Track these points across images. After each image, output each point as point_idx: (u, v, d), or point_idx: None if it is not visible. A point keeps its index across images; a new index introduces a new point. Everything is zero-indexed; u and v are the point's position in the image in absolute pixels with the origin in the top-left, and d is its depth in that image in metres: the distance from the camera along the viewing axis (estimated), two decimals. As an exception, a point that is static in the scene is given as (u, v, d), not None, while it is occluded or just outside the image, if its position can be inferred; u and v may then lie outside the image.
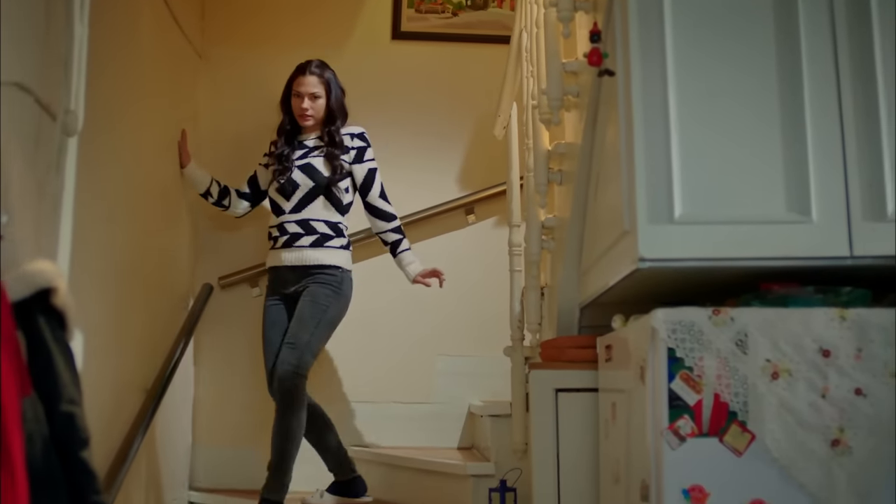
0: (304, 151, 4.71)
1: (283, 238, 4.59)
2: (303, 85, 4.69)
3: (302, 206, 4.60)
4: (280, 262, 4.59)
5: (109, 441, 3.56)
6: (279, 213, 4.65)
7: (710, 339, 2.53)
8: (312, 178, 4.60)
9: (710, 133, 2.66)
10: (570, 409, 3.33)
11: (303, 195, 4.60)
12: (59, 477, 1.80)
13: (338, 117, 4.72)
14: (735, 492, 2.51)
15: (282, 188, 4.62)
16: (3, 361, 1.51)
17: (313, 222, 4.58)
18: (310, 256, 4.55)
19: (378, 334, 5.46)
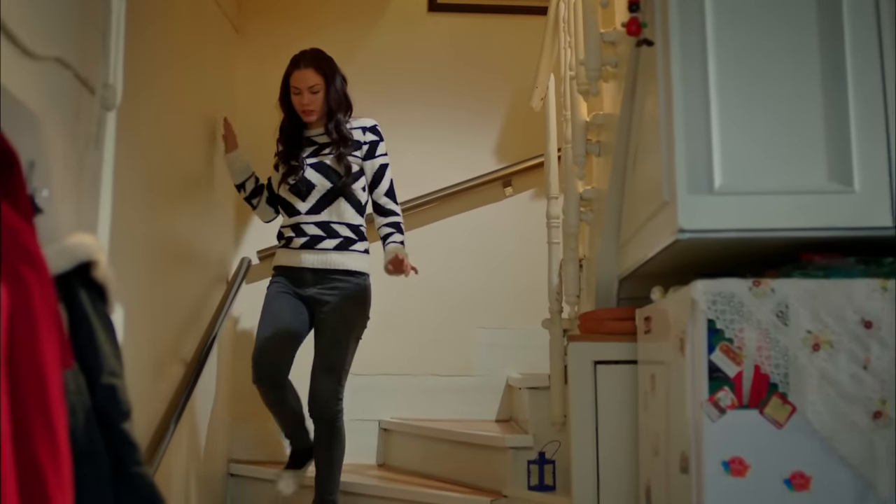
0: (314, 148, 4.49)
1: (303, 239, 4.38)
2: (299, 79, 4.43)
3: (321, 208, 4.39)
4: (299, 264, 4.38)
5: (150, 413, 3.59)
6: (293, 214, 4.42)
7: (751, 310, 2.52)
8: (328, 178, 4.38)
9: (751, 102, 2.63)
10: (608, 382, 3.33)
11: (320, 196, 4.39)
12: (100, 448, 1.81)
13: (339, 109, 4.47)
14: (775, 464, 2.50)
15: (295, 188, 4.39)
16: (46, 334, 1.52)
17: (335, 225, 4.38)
18: (335, 260, 4.36)
19: (417, 307, 5.46)
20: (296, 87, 4.42)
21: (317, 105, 4.44)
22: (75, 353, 1.80)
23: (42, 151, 2.08)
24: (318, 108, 4.45)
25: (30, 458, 1.42)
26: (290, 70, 4.46)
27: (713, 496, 2.50)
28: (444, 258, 5.36)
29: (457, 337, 5.46)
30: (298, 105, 4.44)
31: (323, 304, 4.31)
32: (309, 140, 4.51)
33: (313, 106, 4.42)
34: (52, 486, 1.43)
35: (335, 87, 4.45)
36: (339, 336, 4.27)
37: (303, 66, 4.42)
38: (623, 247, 3.42)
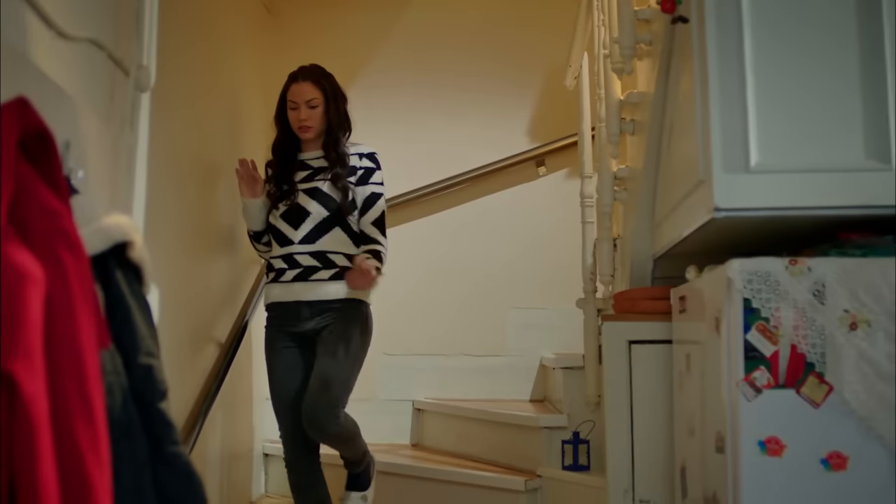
0: (308, 173, 4.05)
1: (295, 271, 3.93)
2: (297, 93, 4.02)
3: (315, 237, 3.95)
4: (294, 297, 3.93)
5: (186, 393, 3.61)
6: (285, 243, 3.97)
7: (787, 289, 2.50)
8: (326, 206, 3.96)
9: (787, 79, 2.60)
10: (643, 361, 3.32)
11: (315, 225, 3.95)
12: (137, 427, 1.83)
13: (339, 128, 4.07)
14: (812, 444, 2.48)
15: (287, 214, 3.98)
16: (83, 314, 1.53)
17: (331, 255, 3.94)
18: (331, 291, 3.92)
19: (450, 287, 5.47)
20: (293, 101, 4.03)
21: (315, 121, 4.03)
22: (112, 333, 1.81)
23: (77, 132, 2.09)
24: (317, 124, 4.04)
25: (68, 438, 1.43)
26: (288, 84, 4.08)
27: (749, 476, 2.49)
28: (478, 238, 5.36)
29: (490, 317, 5.46)
30: (295, 121, 4.03)
31: (321, 330, 3.91)
32: (302, 164, 4.10)
33: (311, 122, 4.02)
34: (90, 465, 1.44)
35: (335, 103, 4.06)
36: (336, 351, 3.86)
37: (301, 80, 4.04)
38: (657, 226, 3.41)
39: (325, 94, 4.04)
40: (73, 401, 1.45)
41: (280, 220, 4.00)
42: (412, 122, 5.53)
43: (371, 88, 5.53)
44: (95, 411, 1.48)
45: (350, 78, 5.37)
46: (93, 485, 1.44)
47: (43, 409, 1.37)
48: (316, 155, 4.08)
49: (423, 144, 5.46)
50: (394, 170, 5.28)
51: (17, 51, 1.88)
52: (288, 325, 3.94)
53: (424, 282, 5.24)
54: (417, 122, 5.53)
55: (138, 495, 1.80)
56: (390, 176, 5.14)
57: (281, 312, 3.96)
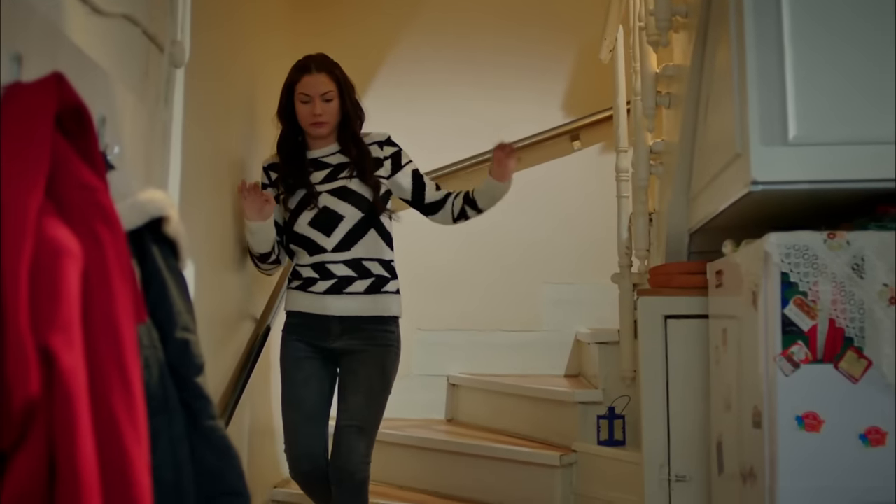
0: (327, 172, 3.73)
1: (329, 282, 3.63)
2: (310, 85, 3.68)
3: (350, 243, 3.64)
4: (324, 311, 3.63)
5: (222, 367, 3.63)
6: (316, 251, 3.66)
7: (826, 263, 2.48)
8: (359, 206, 3.66)
9: (826, 50, 2.57)
10: (679, 336, 3.31)
11: (350, 229, 3.65)
12: (174, 402, 1.83)
13: (356, 119, 3.78)
14: (850, 419, 2.47)
15: (317, 221, 3.66)
16: (120, 289, 1.53)
17: (366, 262, 3.65)
18: (367, 306, 3.63)
19: (484, 262, 5.46)
20: (305, 94, 3.69)
21: (330, 115, 3.71)
22: (148, 308, 1.82)
23: (113, 108, 2.10)
24: (332, 119, 3.73)
25: (106, 412, 1.44)
26: (297, 76, 3.72)
27: (787, 451, 2.48)
28: (512, 213, 5.32)
29: (524, 292, 5.45)
30: (308, 116, 3.70)
31: (352, 353, 3.62)
32: (317, 162, 3.77)
33: (326, 116, 3.70)
34: (128, 439, 1.45)
35: (349, 94, 3.76)
36: (374, 393, 3.59)
37: (314, 71, 3.69)
38: (694, 200, 3.39)
39: (339, 86, 3.72)
40: (110, 374, 1.46)
41: (309, 227, 3.66)
42: (446, 97, 5.51)
43: (405, 65, 5.52)
44: (133, 385, 1.49)
45: (383, 55, 5.37)
46: (131, 458, 1.44)
47: (81, 382, 1.38)
48: (331, 150, 3.77)
49: (456, 119, 5.45)
50: (428, 144, 5.28)
51: (52, 26, 1.89)
52: (312, 337, 3.66)
53: (458, 257, 5.24)
54: (451, 97, 5.51)
55: (175, 469, 1.81)
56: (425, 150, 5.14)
57: (306, 323, 3.67)
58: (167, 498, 1.76)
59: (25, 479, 1.32)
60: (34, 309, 1.37)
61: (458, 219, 3.86)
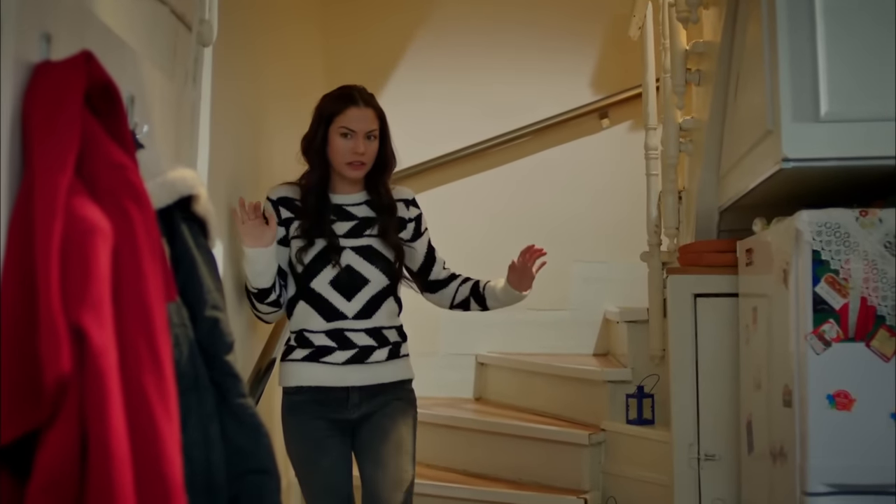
0: (353, 224, 3.22)
1: (349, 353, 3.15)
2: (356, 119, 3.18)
3: (372, 310, 3.18)
4: (342, 383, 3.15)
5: (252, 346, 3.63)
6: (333, 317, 3.16)
7: (858, 240, 2.46)
8: (386, 271, 3.20)
9: (858, 26, 2.55)
10: (708, 315, 3.30)
11: (373, 295, 3.19)
12: (204, 380, 1.84)
13: (391, 167, 3.32)
14: (882, 397, 2.46)
15: (339, 282, 3.16)
16: (150, 268, 1.54)
17: (385, 331, 3.21)
18: (389, 373, 3.21)
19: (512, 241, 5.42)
20: (348, 128, 3.17)
21: (370, 157, 3.21)
22: (178, 286, 1.82)
23: (142, 87, 2.10)
24: (371, 161, 3.22)
25: (137, 389, 1.44)
26: (338, 107, 3.20)
27: (817, 430, 2.47)
28: (540, 192, 5.32)
29: (552, 271, 5.36)
30: (346, 153, 3.18)
31: (372, 415, 3.19)
32: (341, 210, 3.25)
33: (367, 157, 3.20)
34: (159, 417, 1.45)
35: (388, 137, 3.29)
36: (403, 441, 3.19)
37: (361, 104, 3.20)
38: (724, 178, 3.37)
39: (383, 126, 3.27)
40: (141, 352, 1.46)
41: (329, 288, 3.15)
42: (473, 75, 5.48)
43: (432, 44, 5.49)
44: (163, 363, 1.50)
45: (409, 35, 5.34)
46: (161, 436, 1.45)
47: (112, 360, 1.38)
48: (357, 200, 3.27)
49: (484, 98, 5.42)
50: (455, 124, 5.27)
51: (81, 5, 1.89)
52: (329, 411, 3.16)
53: (486, 235, 5.22)
54: (479, 76, 5.48)
55: (206, 447, 1.82)
56: (453, 130, 5.12)
57: (319, 398, 3.16)
58: (198, 475, 1.77)
59: (58, 456, 1.33)
60: (65, 287, 1.37)
61: (456, 307, 3.44)
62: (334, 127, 3.19)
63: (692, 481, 3.30)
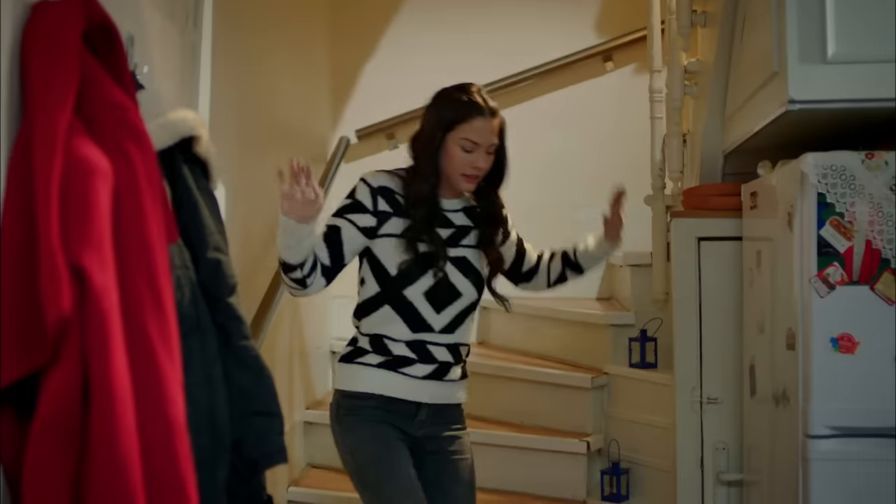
0: (451, 232, 2.92)
1: (430, 367, 2.87)
2: (483, 132, 2.83)
3: (456, 326, 2.91)
4: (416, 398, 2.88)
5: (255, 289, 3.64)
6: (420, 328, 2.85)
7: (863, 183, 2.44)
8: (477, 286, 2.94)
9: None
10: (712, 258, 3.29)
11: (461, 310, 2.90)
12: (207, 321, 1.84)
13: (504, 176, 3.01)
14: (886, 340, 2.45)
15: (434, 293, 2.85)
16: (151, 209, 1.53)
17: (462, 348, 2.96)
18: (457, 393, 2.98)
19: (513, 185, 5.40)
20: (473, 140, 2.81)
21: (487, 169, 2.90)
22: (180, 228, 1.82)
23: (141, 27, 2.08)
24: (484, 174, 2.91)
25: (139, 331, 1.44)
26: (462, 115, 2.82)
27: (820, 373, 2.47)
28: (542, 136, 5.28)
29: (555, 215, 5.41)
30: (464, 166, 2.83)
31: (437, 440, 2.94)
32: (443, 216, 2.93)
33: (485, 171, 2.89)
34: (161, 358, 1.45)
35: (505, 147, 2.97)
36: (473, 485, 3.00)
37: (488, 115, 2.84)
38: (729, 120, 3.34)
39: (503, 137, 2.95)
40: (143, 294, 1.46)
41: (422, 298, 2.84)
42: (476, 18, 5.44)
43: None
44: (165, 304, 1.49)
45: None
46: (164, 377, 1.45)
47: (113, 301, 1.38)
48: (455, 206, 2.96)
49: (487, 41, 5.38)
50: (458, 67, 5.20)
51: (79, -57, 1.86)
52: (397, 420, 2.89)
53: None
54: (481, 19, 5.43)
55: (209, 388, 1.82)
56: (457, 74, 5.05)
57: (388, 407, 2.88)
58: (200, 417, 1.78)
59: (61, 395, 1.33)
60: (65, 228, 1.36)
61: (554, 285, 3.21)
62: (455, 135, 2.81)
63: (694, 424, 3.31)
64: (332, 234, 2.81)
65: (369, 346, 2.89)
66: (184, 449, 1.46)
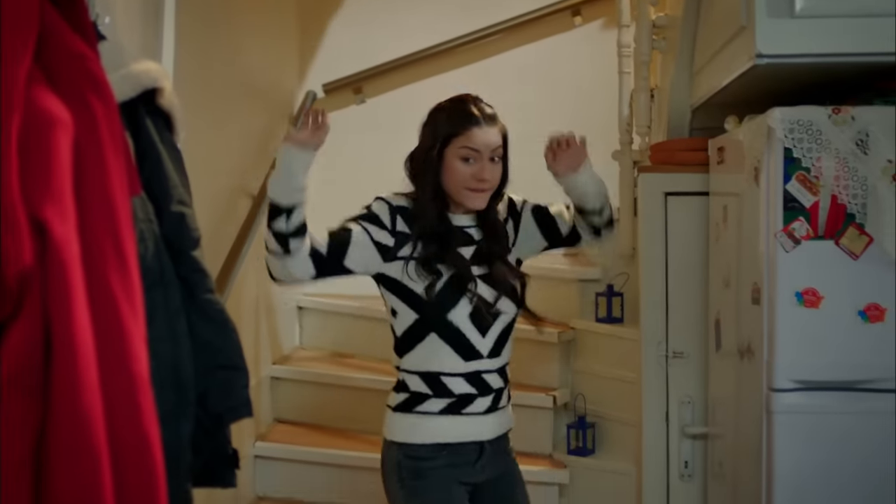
0: (474, 249, 2.67)
1: (489, 399, 2.63)
2: (482, 141, 2.61)
3: (502, 346, 2.66)
4: (480, 437, 2.64)
5: (220, 243, 3.62)
6: (471, 356, 2.60)
7: (830, 138, 2.45)
8: (514, 299, 2.70)
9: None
10: (679, 213, 3.30)
11: (504, 328, 2.67)
12: (171, 275, 1.83)
13: (504, 188, 2.77)
14: (850, 295, 2.47)
15: (476, 315, 2.59)
16: (113, 161, 1.50)
17: (507, 368, 2.73)
18: (509, 420, 2.74)
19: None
20: (473, 148, 2.60)
21: (495, 180, 2.66)
22: (143, 181, 1.80)
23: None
24: (494, 185, 2.67)
25: (101, 285, 1.42)
26: (459, 127, 2.61)
27: (785, 327, 2.49)
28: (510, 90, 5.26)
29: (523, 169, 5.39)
30: (468, 179, 2.60)
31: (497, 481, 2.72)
32: (461, 233, 2.67)
33: (492, 182, 2.65)
34: (123, 311, 1.43)
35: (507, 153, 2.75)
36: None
37: (486, 124, 2.64)
38: (696, 75, 3.34)
39: (506, 141, 2.73)
40: (104, 247, 1.44)
41: (469, 321, 2.59)
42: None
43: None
44: (128, 258, 1.47)
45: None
46: (127, 331, 1.43)
47: (74, 254, 1.36)
48: (471, 221, 2.70)
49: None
50: (426, 21, 5.20)
51: None
52: (463, 474, 2.64)
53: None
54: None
55: (173, 342, 1.81)
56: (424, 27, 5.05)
57: (455, 459, 2.62)
58: (164, 371, 1.77)
59: (22, 349, 1.32)
60: (25, 181, 1.34)
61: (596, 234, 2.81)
62: (452, 148, 2.60)
63: (660, 378, 3.33)
64: (341, 232, 2.54)
65: (427, 387, 2.60)
66: (147, 403, 1.45)
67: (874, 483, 2.50)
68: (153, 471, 1.45)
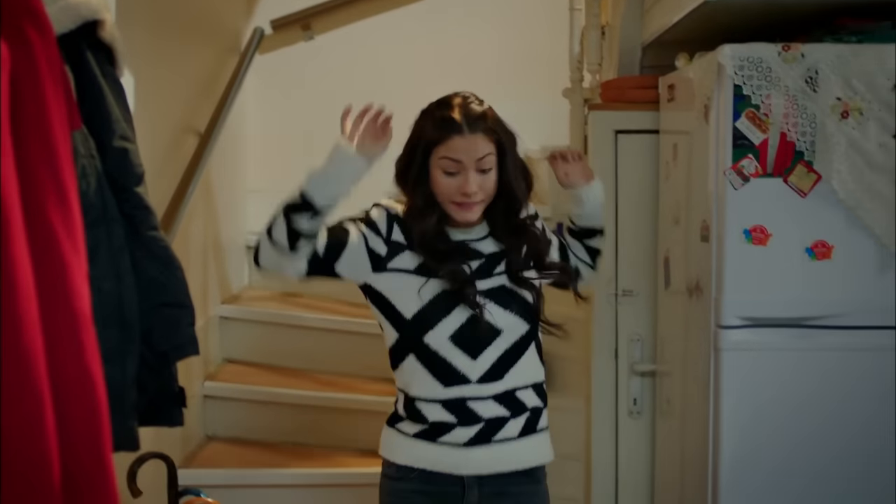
0: (479, 263, 2.38)
1: (474, 429, 2.35)
2: (462, 150, 2.30)
3: (504, 369, 2.36)
4: (460, 470, 2.36)
5: (166, 181, 3.57)
6: (453, 381, 2.34)
7: (779, 76, 2.45)
8: (524, 315, 2.39)
9: None
10: (629, 152, 3.30)
11: (507, 349, 2.36)
12: (114, 212, 1.80)
13: (520, 194, 2.41)
14: (798, 233, 2.49)
15: (461, 335, 2.33)
16: (51, 94, 1.47)
17: (521, 393, 2.38)
18: (519, 456, 2.39)
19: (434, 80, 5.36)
20: (452, 158, 2.30)
21: (487, 192, 2.33)
22: (84, 116, 1.76)
23: None
24: (488, 197, 2.35)
25: (41, 221, 1.40)
26: (437, 135, 2.32)
27: (734, 264, 2.50)
28: (460, 28, 5.22)
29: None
30: (452, 192, 2.31)
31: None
32: (464, 248, 2.40)
33: (481, 194, 2.32)
34: (65, 249, 1.41)
35: (511, 156, 2.40)
36: None
37: (468, 132, 2.31)
38: (647, 12, 3.32)
39: (501, 147, 2.37)
40: (44, 182, 1.41)
41: (450, 343, 2.33)
42: None
43: None
44: (68, 194, 1.44)
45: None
46: (68, 267, 1.41)
47: (13, 189, 1.33)
48: (480, 234, 2.42)
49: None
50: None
51: None
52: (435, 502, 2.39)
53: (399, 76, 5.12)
54: None
55: (117, 279, 1.78)
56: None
57: (429, 488, 2.39)
58: (108, 308, 1.74)
59: (-43, 288, 1.29)
60: (-40, 114, 1.31)
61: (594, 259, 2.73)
62: (434, 158, 2.33)
63: (610, 317, 3.34)
64: (339, 233, 2.31)
65: (403, 410, 2.41)
66: (90, 341, 1.43)
67: (820, 419, 2.54)
68: (96, 407, 1.44)
